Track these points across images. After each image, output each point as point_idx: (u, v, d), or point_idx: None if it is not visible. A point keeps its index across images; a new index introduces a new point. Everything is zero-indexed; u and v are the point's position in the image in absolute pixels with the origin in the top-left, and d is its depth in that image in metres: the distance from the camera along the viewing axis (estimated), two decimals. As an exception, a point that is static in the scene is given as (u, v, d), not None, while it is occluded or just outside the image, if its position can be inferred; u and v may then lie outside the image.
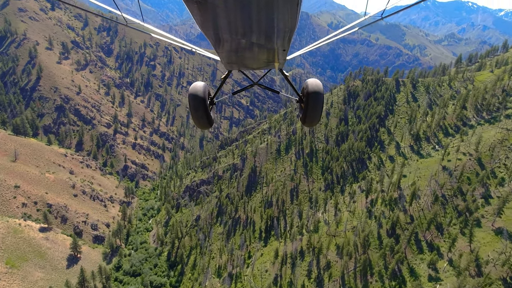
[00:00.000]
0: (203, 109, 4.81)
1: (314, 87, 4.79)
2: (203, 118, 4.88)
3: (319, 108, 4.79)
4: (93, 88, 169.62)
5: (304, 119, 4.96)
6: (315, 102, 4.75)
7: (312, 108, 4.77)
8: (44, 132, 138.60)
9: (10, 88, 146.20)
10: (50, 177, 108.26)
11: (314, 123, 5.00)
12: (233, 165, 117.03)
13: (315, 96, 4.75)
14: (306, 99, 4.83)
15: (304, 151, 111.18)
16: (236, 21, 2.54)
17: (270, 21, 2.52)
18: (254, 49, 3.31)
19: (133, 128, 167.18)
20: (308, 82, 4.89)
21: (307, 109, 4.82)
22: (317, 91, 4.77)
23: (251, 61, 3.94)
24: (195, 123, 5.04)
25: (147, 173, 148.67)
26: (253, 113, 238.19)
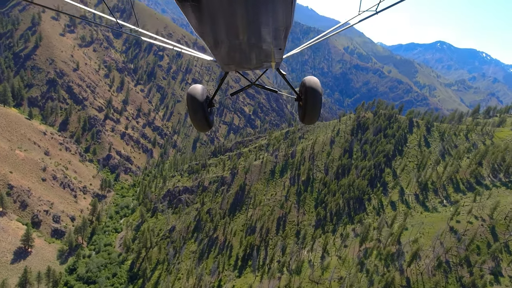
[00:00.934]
0: (202, 112, 4.74)
1: (312, 85, 4.69)
2: (202, 121, 4.82)
3: (318, 106, 4.73)
4: (93, 67, 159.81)
5: (303, 117, 4.92)
6: (314, 100, 4.67)
7: (311, 106, 4.70)
8: (29, 104, 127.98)
9: (3, 51, 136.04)
10: (19, 155, 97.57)
11: (313, 120, 4.94)
12: (221, 178, 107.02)
13: (313, 94, 4.66)
14: (304, 97, 4.78)
15: (300, 177, 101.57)
16: (231, 22, 2.52)
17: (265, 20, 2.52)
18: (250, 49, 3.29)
19: (126, 116, 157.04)
20: (305, 80, 4.80)
21: (305, 107, 4.76)
22: (315, 89, 4.69)
23: (248, 62, 3.88)
24: (194, 126, 4.94)
25: (130, 166, 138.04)
26: (254, 123, 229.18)
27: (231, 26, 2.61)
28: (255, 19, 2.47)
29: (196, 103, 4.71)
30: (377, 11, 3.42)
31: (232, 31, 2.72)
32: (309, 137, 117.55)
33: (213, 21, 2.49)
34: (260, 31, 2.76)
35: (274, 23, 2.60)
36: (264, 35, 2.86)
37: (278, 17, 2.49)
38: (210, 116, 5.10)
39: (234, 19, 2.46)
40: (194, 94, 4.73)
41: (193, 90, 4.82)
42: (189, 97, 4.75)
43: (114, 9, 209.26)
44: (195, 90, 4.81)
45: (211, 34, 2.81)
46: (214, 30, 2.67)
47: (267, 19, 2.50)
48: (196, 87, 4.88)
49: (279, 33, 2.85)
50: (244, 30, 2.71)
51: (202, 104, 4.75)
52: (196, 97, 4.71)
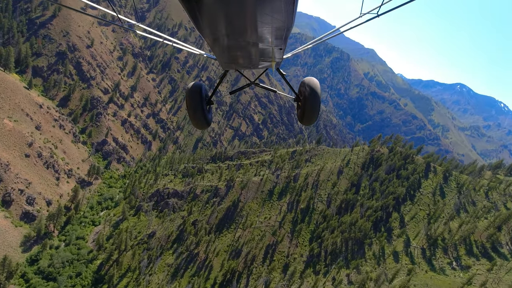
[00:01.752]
0: (201, 110, 4.73)
1: (311, 86, 4.68)
2: (200, 119, 4.80)
3: (317, 107, 4.72)
4: (108, 47, 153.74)
5: (302, 117, 4.93)
6: (312, 101, 4.66)
7: (310, 107, 4.68)
8: (33, 73, 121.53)
9: (18, 15, 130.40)
10: (7, 125, 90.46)
11: (311, 121, 4.94)
12: (215, 188, 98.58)
13: (312, 95, 4.65)
14: (303, 97, 4.78)
15: (299, 205, 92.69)
16: (232, 21, 2.55)
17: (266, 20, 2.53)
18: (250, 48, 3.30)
19: (132, 103, 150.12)
20: (305, 81, 4.80)
21: (304, 108, 4.74)
22: (314, 90, 4.67)
23: (248, 61, 3.89)
24: (193, 123, 4.93)
25: (125, 156, 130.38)
26: (261, 133, 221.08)
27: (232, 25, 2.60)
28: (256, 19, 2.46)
29: (195, 100, 4.66)
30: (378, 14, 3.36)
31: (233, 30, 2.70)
32: (316, 162, 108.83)
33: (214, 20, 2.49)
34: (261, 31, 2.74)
35: (275, 23, 2.59)
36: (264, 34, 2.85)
37: (279, 17, 2.48)
38: (209, 114, 5.03)
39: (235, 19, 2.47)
40: (194, 91, 4.68)
41: (193, 88, 4.75)
42: (188, 94, 4.70)
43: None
44: (194, 88, 4.75)
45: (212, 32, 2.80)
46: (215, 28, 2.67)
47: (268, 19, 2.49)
48: (196, 85, 4.81)
49: (280, 33, 2.85)
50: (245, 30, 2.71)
51: (201, 101, 4.69)
52: (195, 95, 4.66)
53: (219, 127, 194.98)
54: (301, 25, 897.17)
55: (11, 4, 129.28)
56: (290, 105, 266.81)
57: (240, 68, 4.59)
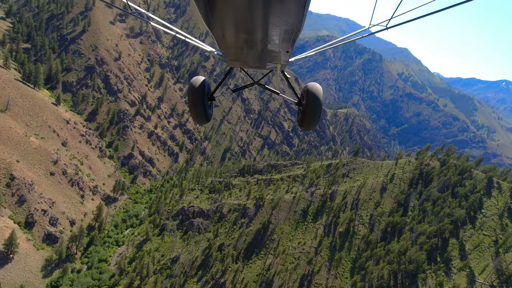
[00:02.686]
0: (201, 104, 4.70)
1: (314, 92, 4.68)
2: (200, 113, 4.77)
3: (317, 112, 4.74)
4: (135, 59, 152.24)
5: (302, 121, 4.95)
6: (314, 106, 4.67)
7: (310, 112, 4.70)
8: (63, 89, 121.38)
9: (51, 32, 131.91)
10: (33, 142, 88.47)
11: (311, 126, 4.96)
12: (243, 207, 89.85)
13: (314, 100, 4.65)
14: (305, 102, 4.77)
15: (337, 227, 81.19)
16: (241, 20, 2.53)
17: (276, 22, 2.52)
18: (257, 49, 3.29)
19: (158, 115, 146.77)
20: (308, 86, 4.79)
21: (305, 112, 4.76)
22: (317, 96, 4.67)
23: (254, 60, 3.89)
24: (192, 117, 4.92)
25: (151, 170, 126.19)
26: (291, 141, 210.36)
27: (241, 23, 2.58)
28: (266, 19, 2.45)
29: (197, 95, 4.62)
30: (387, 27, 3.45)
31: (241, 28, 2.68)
32: (355, 177, 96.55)
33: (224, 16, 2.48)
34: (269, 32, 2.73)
35: (284, 25, 2.58)
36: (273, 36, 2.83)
37: (289, 20, 2.47)
38: (209, 110, 5.02)
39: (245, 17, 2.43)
40: (196, 86, 4.65)
41: (195, 82, 4.70)
42: (190, 88, 4.66)
43: (170, 4, 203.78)
44: (197, 82, 4.69)
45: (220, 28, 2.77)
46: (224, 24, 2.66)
47: (278, 21, 2.48)
48: (198, 79, 4.77)
49: (288, 36, 2.83)
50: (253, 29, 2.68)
51: (203, 96, 4.67)
52: (197, 90, 4.63)
53: (248, 136, 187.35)
54: (329, 27, 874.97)
55: (45, 22, 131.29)
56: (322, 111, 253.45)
57: (245, 67, 4.49)
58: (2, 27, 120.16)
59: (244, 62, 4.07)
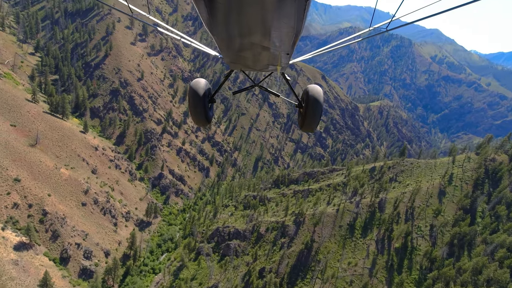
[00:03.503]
0: (202, 106, 4.68)
1: (315, 94, 4.67)
2: (201, 115, 4.75)
3: (318, 115, 4.75)
4: (158, 77, 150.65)
5: (302, 124, 4.94)
6: (314, 109, 4.66)
7: (311, 114, 4.68)
8: (91, 115, 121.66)
9: (76, 61, 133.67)
10: (64, 174, 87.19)
11: (312, 128, 4.92)
12: (282, 225, 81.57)
13: (314, 103, 4.64)
14: (305, 105, 4.78)
15: (392, 243, 70.18)
16: (242, 22, 2.53)
17: (276, 24, 2.53)
18: (257, 51, 3.27)
19: (185, 130, 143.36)
20: (308, 88, 4.83)
21: (305, 115, 4.75)
22: (317, 98, 4.66)
23: (254, 62, 3.86)
24: (193, 119, 4.89)
25: (183, 188, 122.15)
26: (325, 142, 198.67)
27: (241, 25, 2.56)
28: (266, 22, 2.46)
29: (197, 97, 4.61)
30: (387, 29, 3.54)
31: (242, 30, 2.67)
32: (404, 181, 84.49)
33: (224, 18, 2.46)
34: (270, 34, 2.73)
35: (284, 27, 2.56)
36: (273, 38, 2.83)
37: (289, 22, 2.46)
38: (210, 112, 5.04)
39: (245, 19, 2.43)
40: (196, 88, 4.64)
41: (196, 84, 4.70)
42: (191, 91, 4.65)
43: (188, 17, 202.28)
44: (197, 84, 4.70)
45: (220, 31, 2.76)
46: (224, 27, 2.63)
47: (278, 23, 2.48)
48: (199, 81, 4.76)
49: (288, 38, 2.82)
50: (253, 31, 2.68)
51: (203, 99, 4.66)
52: (198, 92, 4.62)
53: (278, 142, 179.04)
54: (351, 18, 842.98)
55: (70, 52, 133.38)
56: (353, 106, 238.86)
57: (245, 69, 4.42)
58: (32, 62, 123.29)
59: (245, 64, 3.99)
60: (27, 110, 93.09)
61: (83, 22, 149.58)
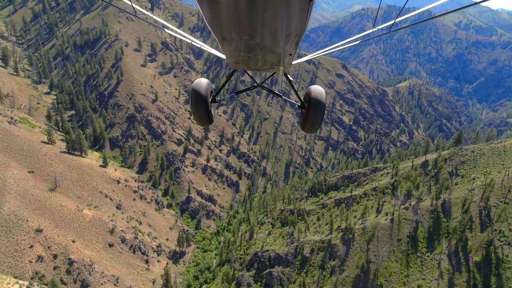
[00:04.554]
0: (204, 106, 4.64)
1: (317, 94, 4.65)
2: (203, 115, 4.73)
3: (320, 115, 4.71)
4: (173, 95, 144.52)
5: (304, 125, 4.87)
6: (316, 109, 4.63)
7: (313, 115, 4.66)
8: (111, 146, 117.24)
9: (90, 93, 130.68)
10: (87, 215, 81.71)
11: (313, 130, 4.91)
12: (328, 244, 70.05)
13: (316, 104, 4.61)
14: (307, 105, 4.75)
15: (470, 256, 56.35)
16: (245, 22, 2.51)
17: (279, 25, 2.52)
18: (260, 51, 3.26)
19: (208, 145, 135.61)
20: (311, 89, 4.83)
21: (307, 116, 4.72)
22: (319, 99, 4.62)
23: (256, 63, 3.85)
24: (195, 119, 4.90)
25: (213, 208, 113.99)
26: (356, 135, 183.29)
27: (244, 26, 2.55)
28: (269, 22, 2.44)
29: (200, 97, 4.57)
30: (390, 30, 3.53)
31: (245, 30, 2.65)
32: (468, 175, 69.69)
33: (227, 18, 2.46)
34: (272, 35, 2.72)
35: (287, 28, 2.55)
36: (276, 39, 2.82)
37: (292, 23, 2.45)
38: (212, 112, 5.02)
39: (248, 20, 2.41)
40: (199, 88, 4.58)
41: (198, 84, 4.63)
42: (194, 91, 4.63)
43: (195, 28, 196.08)
44: (200, 84, 4.62)
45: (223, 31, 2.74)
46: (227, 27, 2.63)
47: (281, 24, 2.47)
48: (201, 81, 4.67)
49: (291, 38, 2.81)
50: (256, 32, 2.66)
51: (206, 98, 4.62)
52: (200, 92, 4.57)
53: (307, 143, 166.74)
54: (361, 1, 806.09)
55: (83, 85, 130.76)
56: (381, 91, 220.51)
57: (248, 69, 4.41)
58: (48, 101, 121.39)
59: (247, 64, 3.97)
60: (44, 153, 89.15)
61: (93, 53, 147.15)
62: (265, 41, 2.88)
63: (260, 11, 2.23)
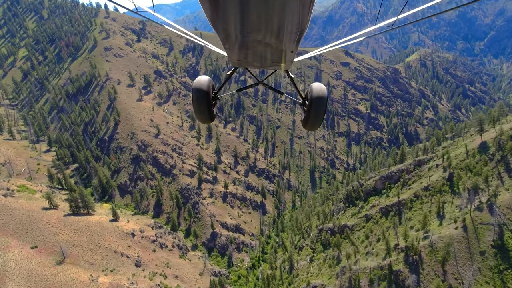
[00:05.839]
0: (206, 104, 4.61)
1: (318, 92, 4.60)
2: (204, 113, 4.69)
3: (322, 113, 4.68)
4: (176, 123, 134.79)
5: (306, 122, 4.83)
6: (318, 107, 4.60)
7: (314, 113, 4.62)
8: (121, 193, 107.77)
9: (90, 141, 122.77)
10: (104, 283, 71.20)
11: (315, 127, 4.89)
12: (389, 269, 56.24)
13: (318, 101, 4.57)
14: (309, 102, 4.70)
15: None
16: (247, 19, 2.51)
17: (281, 22, 2.51)
18: (261, 49, 3.25)
19: (223, 169, 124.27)
20: (312, 86, 4.77)
21: (309, 113, 4.67)
22: (321, 96, 4.58)
23: (258, 60, 3.84)
24: (197, 117, 4.85)
25: (243, 239, 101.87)
26: (377, 123, 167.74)
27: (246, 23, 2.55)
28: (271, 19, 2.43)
29: (201, 94, 4.56)
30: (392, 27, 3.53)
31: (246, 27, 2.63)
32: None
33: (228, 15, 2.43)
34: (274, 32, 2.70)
35: (289, 25, 2.54)
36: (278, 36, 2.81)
37: (294, 20, 2.44)
38: (213, 109, 4.97)
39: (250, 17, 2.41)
40: (200, 85, 4.58)
41: (199, 82, 4.63)
42: (195, 88, 4.61)
43: (185, 50, 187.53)
44: (201, 82, 4.62)
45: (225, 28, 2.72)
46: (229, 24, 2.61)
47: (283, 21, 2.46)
48: (202, 78, 4.69)
49: (293, 36, 2.81)
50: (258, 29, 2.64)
51: (207, 96, 4.60)
52: (202, 89, 4.56)
53: (327, 142, 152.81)
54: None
55: (81, 135, 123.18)
56: (392, 70, 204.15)
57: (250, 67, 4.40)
58: (49, 159, 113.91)
59: (249, 62, 3.94)
60: (47, 221, 79.97)
61: (86, 99, 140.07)
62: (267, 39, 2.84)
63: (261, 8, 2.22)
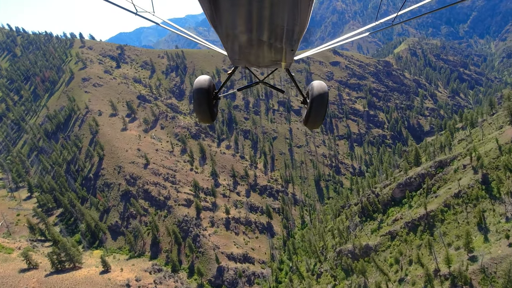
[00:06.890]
0: (207, 104, 4.63)
1: (319, 90, 4.61)
2: (205, 113, 4.70)
3: (323, 111, 4.68)
4: (166, 149, 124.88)
5: (307, 120, 4.84)
6: (319, 105, 4.60)
7: (315, 110, 4.63)
8: (113, 236, 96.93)
9: (74, 182, 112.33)
10: None
11: (316, 125, 4.88)
12: (434, 305, 46.24)
13: (319, 99, 4.57)
14: (310, 100, 4.69)
15: None
16: (246, 18, 2.49)
17: (281, 20, 2.50)
18: (262, 47, 3.23)
19: (222, 193, 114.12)
20: (313, 84, 4.77)
21: (310, 111, 4.68)
22: (322, 94, 4.59)
23: (258, 59, 3.81)
24: (198, 117, 4.85)
25: (253, 269, 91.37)
26: (376, 120, 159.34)
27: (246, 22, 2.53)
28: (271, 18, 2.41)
29: (202, 94, 4.57)
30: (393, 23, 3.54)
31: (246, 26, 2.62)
32: None
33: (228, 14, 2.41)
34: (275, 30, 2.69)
35: (289, 24, 2.53)
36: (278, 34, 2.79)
37: (294, 18, 2.43)
38: (214, 109, 4.99)
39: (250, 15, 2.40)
40: (200, 85, 4.60)
41: (200, 81, 4.64)
42: (196, 88, 4.64)
43: (168, 70, 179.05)
44: (201, 81, 4.64)
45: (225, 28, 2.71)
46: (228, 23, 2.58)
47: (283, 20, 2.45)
48: (203, 78, 4.71)
49: (293, 34, 2.80)
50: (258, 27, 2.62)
51: (208, 95, 4.61)
52: (202, 88, 4.58)
53: (328, 147, 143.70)
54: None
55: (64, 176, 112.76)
56: (383, 64, 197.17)
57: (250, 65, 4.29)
58: (29, 207, 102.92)
59: (249, 61, 3.89)
60: (25, 286, 69.22)
61: (66, 135, 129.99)
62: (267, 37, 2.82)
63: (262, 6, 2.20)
